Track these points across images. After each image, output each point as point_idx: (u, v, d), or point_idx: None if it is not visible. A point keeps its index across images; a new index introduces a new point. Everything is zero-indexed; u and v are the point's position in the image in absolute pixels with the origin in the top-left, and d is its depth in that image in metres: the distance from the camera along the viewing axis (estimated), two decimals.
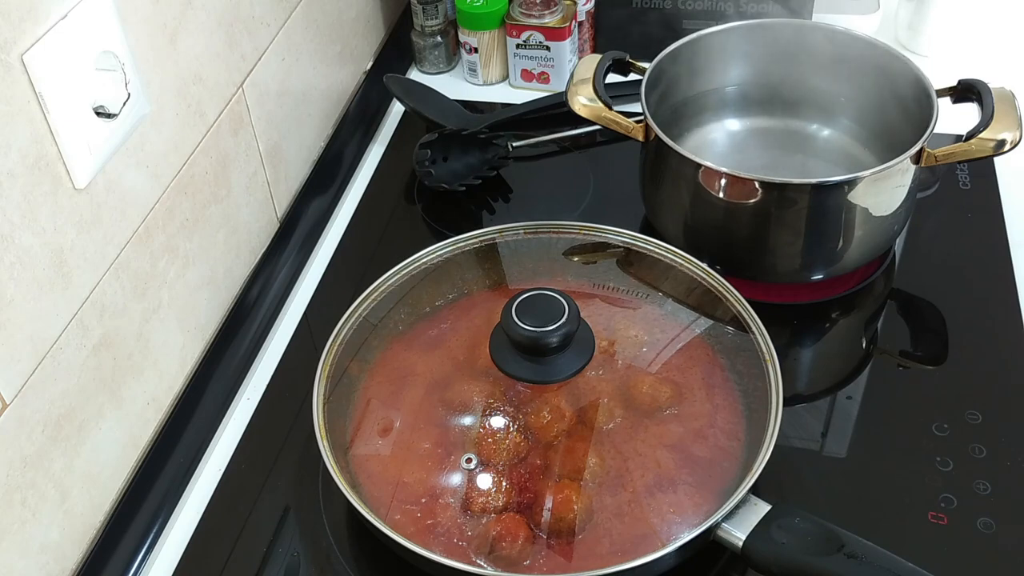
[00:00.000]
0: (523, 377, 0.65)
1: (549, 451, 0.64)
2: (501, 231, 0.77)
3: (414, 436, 0.67)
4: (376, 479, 0.64)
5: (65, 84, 0.57)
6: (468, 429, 0.66)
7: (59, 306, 0.60)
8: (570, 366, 0.66)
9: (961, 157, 0.75)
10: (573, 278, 0.77)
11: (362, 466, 0.65)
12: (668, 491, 0.63)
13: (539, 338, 0.63)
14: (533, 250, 0.78)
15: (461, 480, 0.64)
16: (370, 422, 0.68)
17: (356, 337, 0.72)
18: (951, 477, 0.68)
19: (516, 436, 0.64)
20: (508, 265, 0.79)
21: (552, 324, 0.63)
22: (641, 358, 0.71)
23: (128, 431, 0.70)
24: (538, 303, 0.65)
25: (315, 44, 0.94)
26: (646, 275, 0.76)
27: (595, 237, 0.77)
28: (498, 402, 0.66)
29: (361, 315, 0.72)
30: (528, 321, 0.64)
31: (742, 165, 0.80)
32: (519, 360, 0.65)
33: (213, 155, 0.77)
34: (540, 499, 0.62)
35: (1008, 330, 0.78)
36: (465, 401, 0.67)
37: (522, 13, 1.04)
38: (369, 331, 0.73)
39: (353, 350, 0.71)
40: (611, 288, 0.77)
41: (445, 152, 0.95)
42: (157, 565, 0.68)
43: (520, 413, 0.66)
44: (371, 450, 0.67)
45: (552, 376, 0.66)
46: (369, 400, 0.69)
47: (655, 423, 0.66)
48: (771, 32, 0.87)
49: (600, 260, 0.78)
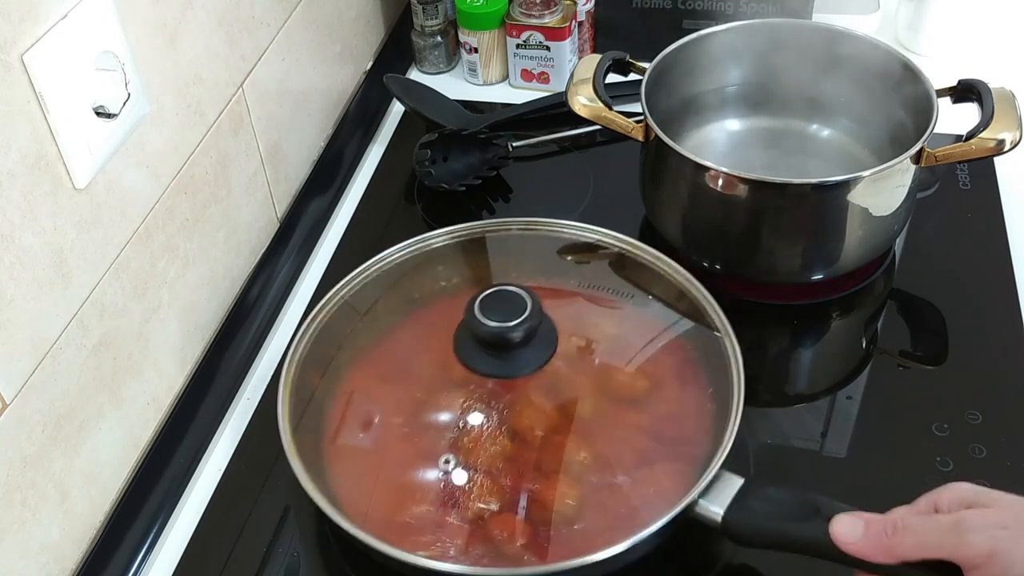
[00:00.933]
0: (487, 372, 0.66)
1: (524, 446, 0.65)
2: (484, 226, 0.78)
3: (388, 435, 0.67)
4: (352, 480, 0.65)
5: (65, 84, 0.57)
6: (443, 428, 0.67)
7: (59, 306, 0.60)
8: (534, 360, 0.66)
9: (961, 157, 0.75)
10: (561, 276, 0.77)
11: (338, 466, 0.65)
12: (644, 476, 0.63)
13: (501, 333, 0.64)
14: (524, 247, 0.79)
15: (439, 481, 0.64)
16: (347, 419, 0.68)
17: (336, 324, 0.72)
18: (951, 477, 0.68)
19: (491, 433, 0.65)
20: (495, 262, 0.79)
21: (514, 319, 0.64)
22: (613, 353, 0.72)
23: (128, 431, 0.70)
24: (501, 299, 0.66)
25: (315, 44, 0.94)
26: (633, 277, 0.76)
27: (585, 237, 0.77)
28: (471, 399, 0.67)
29: (340, 300, 0.73)
30: (491, 317, 0.65)
31: (742, 165, 0.80)
32: (484, 356, 0.66)
33: (213, 155, 0.77)
34: (518, 494, 0.63)
35: (1008, 330, 0.78)
36: (438, 399, 0.68)
37: (522, 13, 1.04)
38: (354, 319, 0.73)
39: (334, 339, 0.71)
40: (597, 288, 0.77)
41: (445, 152, 0.95)
42: (157, 565, 0.68)
43: (493, 409, 0.66)
44: (346, 449, 0.67)
45: (516, 371, 0.66)
46: (350, 393, 0.70)
47: (627, 412, 0.67)
48: (771, 32, 0.87)
49: (593, 260, 0.78)
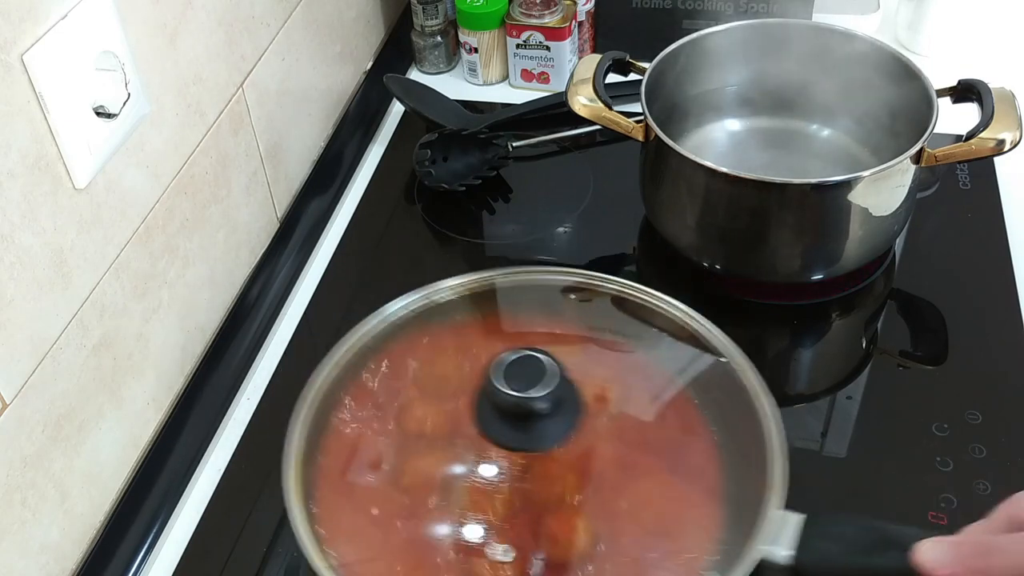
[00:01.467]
0: (507, 444, 0.60)
1: (550, 515, 0.60)
2: (484, 279, 0.72)
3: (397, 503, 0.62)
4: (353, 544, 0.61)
5: (65, 84, 0.57)
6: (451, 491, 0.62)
7: (59, 306, 0.60)
8: (557, 431, 0.60)
9: (961, 157, 0.75)
10: (565, 321, 0.73)
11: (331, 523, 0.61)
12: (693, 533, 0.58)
13: (522, 403, 0.57)
14: (526, 291, 0.73)
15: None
16: (348, 475, 0.64)
17: (338, 382, 0.67)
18: (951, 477, 0.68)
19: (498, 499, 0.60)
20: (502, 305, 0.74)
21: (536, 388, 0.57)
22: (634, 406, 0.66)
23: (128, 431, 0.70)
24: (523, 365, 0.59)
25: (315, 44, 0.94)
26: (641, 315, 0.70)
27: (584, 284, 0.72)
28: (481, 463, 0.62)
29: (343, 357, 0.67)
30: (512, 385, 0.58)
31: (742, 165, 0.80)
32: (503, 425, 0.60)
33: (213, 155, 0.77)
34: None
35: (1008, 330, 0.78)
36: (446, 463, 0.63)
37: (522, 13, 1.04)
38: (355, 374, 0.67)
39: (333, 393, 0.66)
40: (605, 331, 0.72)
41: (445, 152, 0.95)
42: (157, 565, 0.68)
43: (507, 478, 0.61)
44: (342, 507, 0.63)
45: (539, 444, 0.60)
46: (351, 448, 0.65)
47: (657, 469, 0.63)
48: (771, 32, 0.87)
49: (595, 299, 0.72)
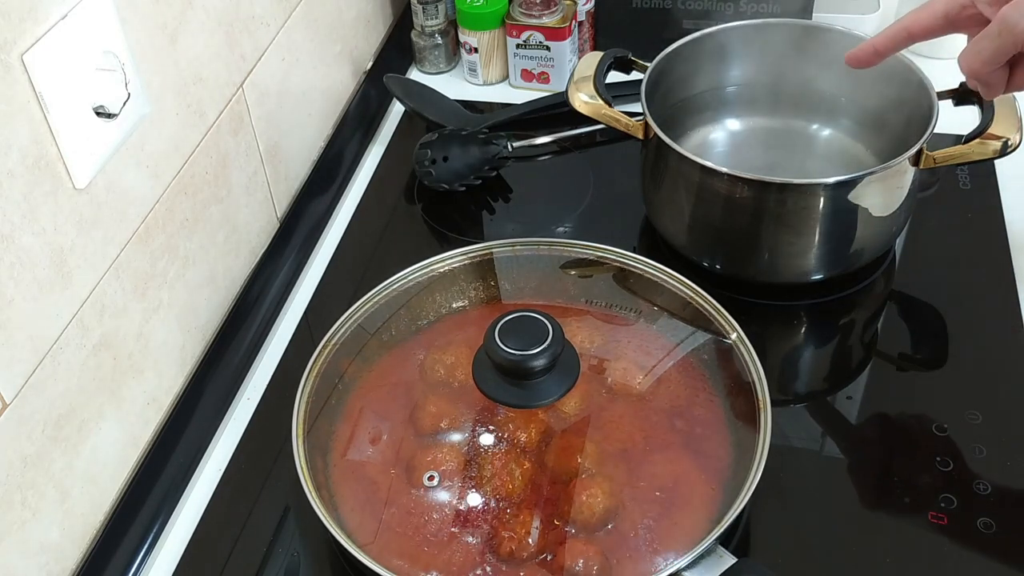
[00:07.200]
0: (506, 401, 0.64)
1: (540, 471, 0.64)
2: (490, 247, 0.76)
3: (395, 456, 0.66)
4: (357, 497, 0.64)
5: (65, 84, 0.57)
6: (452, 450, 0.65)
7: (59, 306, 0.60)
8: (553, 390, 0.64)
9: (960, 160, 0.75)
10: (567, 293, 0.76)
11: (343, 482, 0.65)
12: (641, 533, 0.61)
13: (522, 362, 0.61)
14: (528, 263, 0.77)
15: (444, 500, 0.63)
16: (356, 434, 0.68)
17: (349, 344, 0.71)
18: (951, 477, 0.68)
19: (508, 460, 0.63)
20: (502, 279, 0.77)
21: (535, 347, 0.61)
22: (632, 376, 0.69)
23: (128, 431, 0.70)
24: (522, 325, 0.63)
25: (315, 44, 0.94)
26: (641, 290, 0.74)
27: (586, 254, 0.76)
28: (483, 424, 0.65)
29: (355, 322, 0.72)
30: (511, 344, 0.62)
31: (742, 165, 0.80)
32: (501, 383, 0.63)
33: (213, 155, 0.77)
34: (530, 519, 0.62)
35: (1008, 330, 0.78)
36: (449, 423, 0.66)
37: (522, 13, 1.04)
38: (364, 339, 0.72)
39: (344, 355, 0.70)
40: (604, 304, 0.76)
41: (445, 152, 0.95)
42: (157, 565, 0.68)
43: (503, 439, 0.65)
44: (355, 464, 0.66)
45: (535, 400, 0.64)
46: (360, 409, 0.69)
47: (652, 436, 0.66)
48: (771, 32, 0.87)
49: (596, 274, 0.76)
